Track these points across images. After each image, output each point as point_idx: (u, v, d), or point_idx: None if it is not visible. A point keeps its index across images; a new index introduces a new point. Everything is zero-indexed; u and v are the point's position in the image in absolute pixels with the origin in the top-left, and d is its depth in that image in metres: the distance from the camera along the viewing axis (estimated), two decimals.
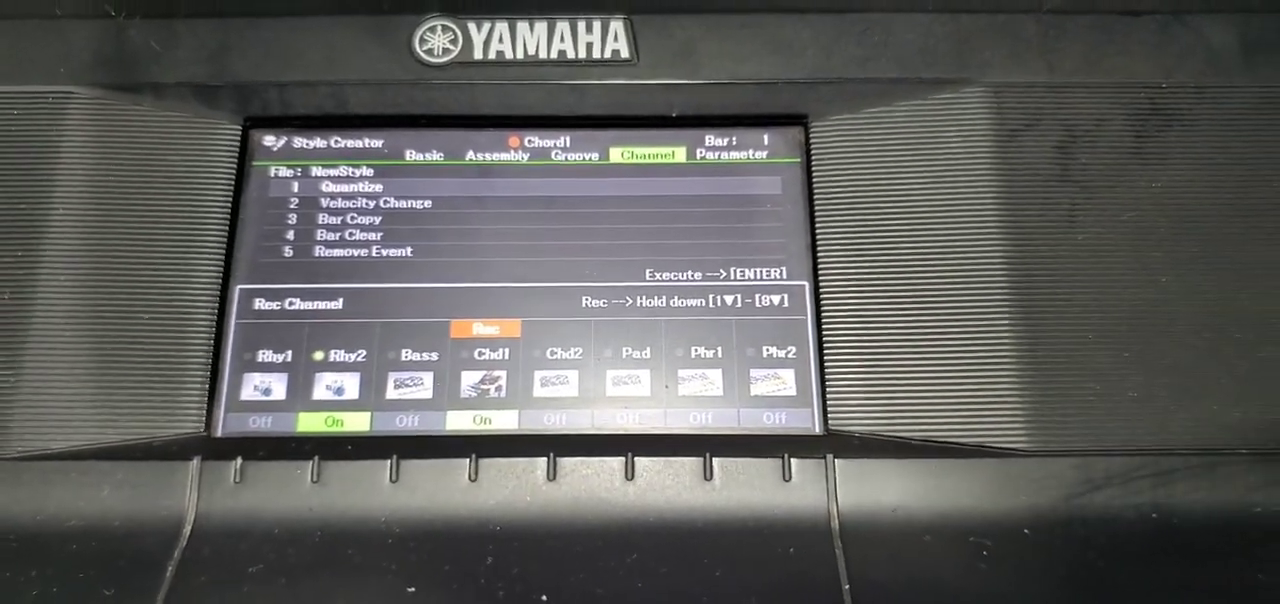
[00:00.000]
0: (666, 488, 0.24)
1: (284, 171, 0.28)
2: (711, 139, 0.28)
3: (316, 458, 0.24)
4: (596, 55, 0.28)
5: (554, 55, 0.28)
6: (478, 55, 0.28)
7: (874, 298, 0.26)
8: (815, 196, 0.27)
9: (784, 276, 0.27)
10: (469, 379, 0.26)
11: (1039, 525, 0.24)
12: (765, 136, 0.28)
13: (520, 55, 0.28)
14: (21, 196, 0.27)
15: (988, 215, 0.27)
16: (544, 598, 0.22)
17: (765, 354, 0.26)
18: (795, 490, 0.24)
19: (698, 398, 0.26)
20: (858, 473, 0.24)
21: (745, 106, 0.28)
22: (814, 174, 0.27)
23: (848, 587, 0.22)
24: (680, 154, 0.28)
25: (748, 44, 0.28)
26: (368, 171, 0.28)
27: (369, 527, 0.24)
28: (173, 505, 0.24)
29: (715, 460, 0.25)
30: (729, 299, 0.27)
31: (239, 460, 0.24)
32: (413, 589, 0.22)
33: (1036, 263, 0.26)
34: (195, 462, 0.24)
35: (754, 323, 0.26)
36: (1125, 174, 0.27)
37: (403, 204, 0.27)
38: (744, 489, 0.24)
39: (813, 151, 0.28)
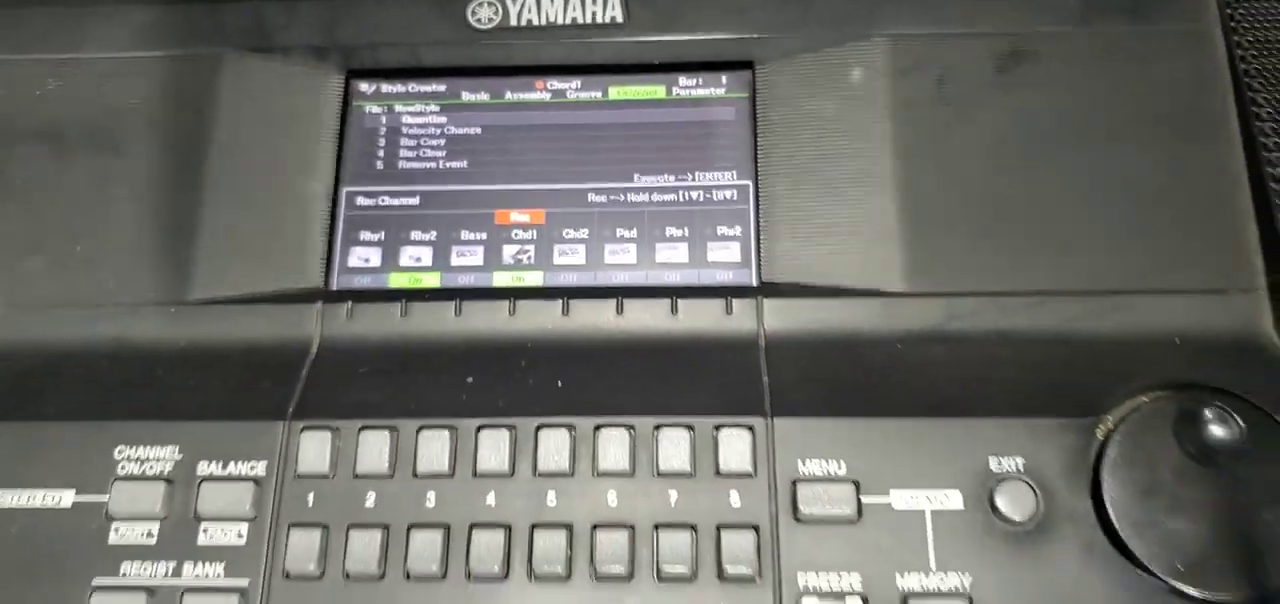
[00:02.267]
0: (645, 320, 0.35)
1: (375, 109, 0.38)
2: (683, 80, 0.38)
3: (404, 301, 0.35)
4: (599, 20, 0.38)
5: (568, 21, 0.38)
6: (514, 22, 0.38)
7: (797, 190, 0.36)
8: (758, 121, 0.37)
9: (734, 178, 0.37)
10: (509, 251, 0.36)
11: (909, 340, 0.34)
12: (723, 78, 0.38)
13: (544, 22, 0.38)
14: (190, 129, 0.38)
15: (884, 128, 0.36)
16: (559, 383, 0.33)
17: (719, 232, 0.36)
18: (735, 320, 0.34)
19: (670, 263, 0.36)
20: (779, 309, 0.34)
21: (708, 56, 0.38)
22: (758, 105, 0.37)
23: (766, 379, 0.32)
24: (660, 92, 0.38)
25: (710, 10, 0.38)
26: (435, 108, 0.38)
27: (441, 344, 0.34)
28: (305, 333, 0.35)
29: (680, 302, 0.35)
30: (695, 195, 0.37)
31: (350, 303, 0.35)
32: (470, 379, 0.33)
33: (919, 159, 0.36)
34: (318, 304, 0.35)
35: (712, 211, 0.36)
36: (990, 98, 0.37)
37: (460, 131, 0.38)
38: (700, 320, 0.34)
39: (758, 88, 0.38)
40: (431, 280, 0.36)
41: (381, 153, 0.38)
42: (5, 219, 0.37)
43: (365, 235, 0.37)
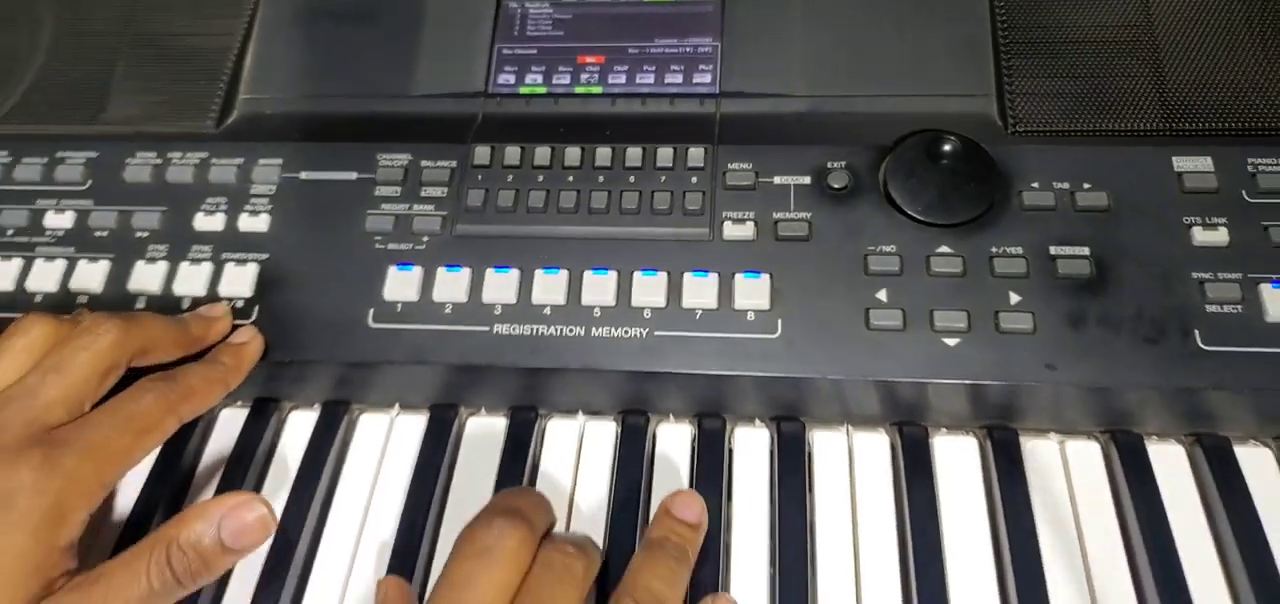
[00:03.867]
0: (656, 108, 0.63)
1: (514, 4, 0.69)
2: None
3: (527, 99, 0.65)
4: None
5: None
6: None
7: (744, 49, 0.65)
8: (726, 13, 0.66)
9: (711, 41, 0.66)
10: (583, 75, 0.66)
11: (792, 114, 0.62)
12: None
13: None
14: (409, 16, 0.68)
15: (791, 18, 0.65)
16: (607, 133, 0.61)
17: (699, 68, 0.65)
18: (704, 109, 0.63)
19: (672, 82, 0.65)
20: (729, 104, 0.63)
21: None
22: (726, 4, 0.67)
23: (717, 132, 0.61)
24: None
25: None
26: (547, 4, 0.68)
27: (547, 117, 0.64)
28: (474, 111, 0.65)
29: (676, 100, 0.63)
30: (687, 49, 0.66)
31: (499, 98, 0.65)
32: (562, 130, 0.62)
33: (810, 33, 0.64)
34: (482, 98, 0.65)
35: (697, 57, 0.65)
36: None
37: (560, 16, 0.68)
38: (685, 108, 0.63)
39: None
40: (541, 90, 0.66)
41: (516, 26, 0.68)
42: (307, 57, 0.68)
43: (507, 67, 0.67)
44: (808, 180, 0.58)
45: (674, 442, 0.56)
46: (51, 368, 0.46)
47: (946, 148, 0.57)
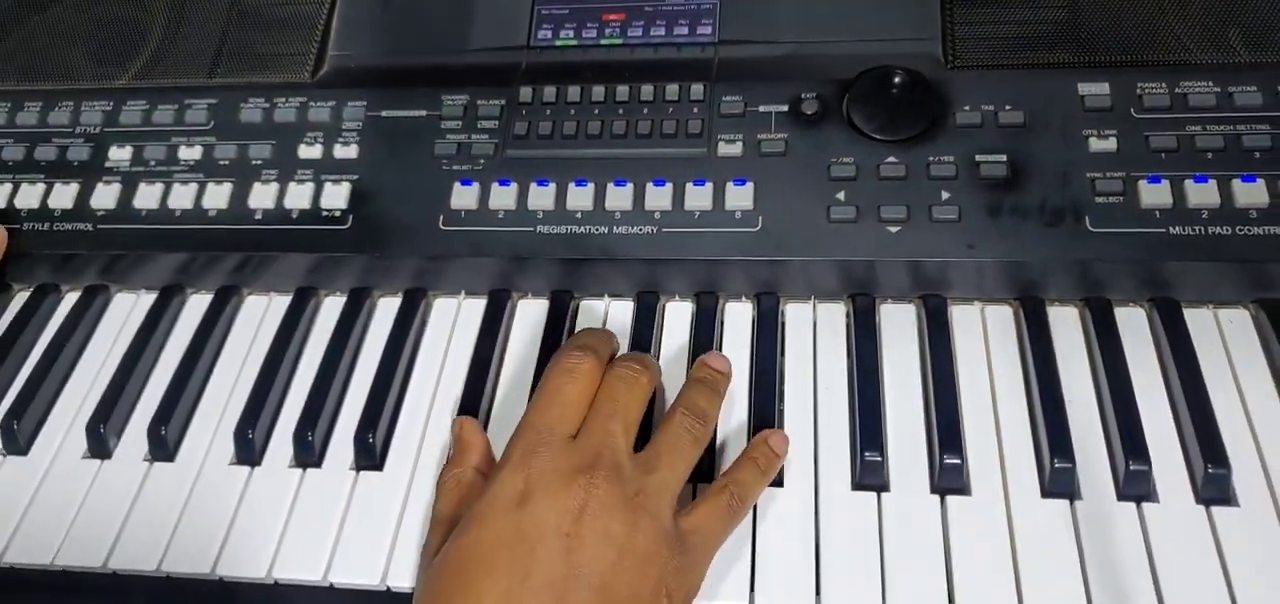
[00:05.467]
0: (666, 54, 0.78)
1: None
2: None
3: (563, 50, 0.80)
4: None
5: None
6: None
7: (743, 4, 0.79)
8: None
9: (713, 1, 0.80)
10: (607, 31, 0.80)
11: (769, 57, 0.76)
12: None
13: None
14: None
15: None
16: (627, 73, 0.76)
17: (702, 22, 0.79)
18: (705, 53, 0.77)
19: (680, 33, 0.79)
20: (725, 49, 0.77)
21: None
22: None
23: (715, 71, 0.75)
24: None
25: None
26: None
27: (579, 63, 0.78)
28: (518, 61, 0.80)
29: (682, 48, 0.78)
30: (692, 5, 0.80)
31: (538, 50, 0.80)
32: (590, 74, 0.77)
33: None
34: (525, 49, 0.80)
35: (700, 12, 0.80)
36: None
37: None
38: (689, 53, 0.78)
39: None
40: (573, 42, 0.81)
41: None
42: (383, 20, 0.83)
43: (545, 24, 0.81)
44: (785, 108, 0.72)
45: (678, 315, 0.71)
46: None
47: (896, 79, 0.71)
